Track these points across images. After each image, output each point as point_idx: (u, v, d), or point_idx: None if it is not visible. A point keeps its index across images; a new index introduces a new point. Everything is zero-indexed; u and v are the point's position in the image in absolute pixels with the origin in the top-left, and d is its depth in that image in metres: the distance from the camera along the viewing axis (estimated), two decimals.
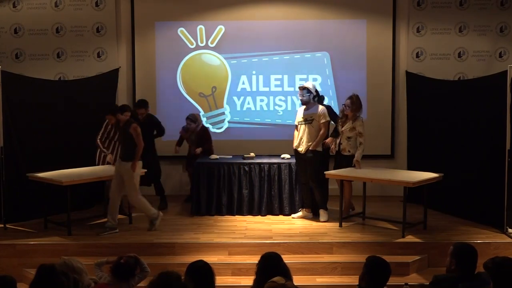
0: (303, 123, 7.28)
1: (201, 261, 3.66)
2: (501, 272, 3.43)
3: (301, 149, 7.27)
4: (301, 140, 7.29)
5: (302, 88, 7.27)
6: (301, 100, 7.29)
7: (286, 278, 3.82)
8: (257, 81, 9.02)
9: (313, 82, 7.72)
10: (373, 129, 8.91)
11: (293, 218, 7.44)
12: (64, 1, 8.80)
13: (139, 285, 4.15)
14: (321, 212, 7.34)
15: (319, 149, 7.26)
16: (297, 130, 7.40)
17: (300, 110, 7.43)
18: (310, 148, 7.19)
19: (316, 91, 7.34)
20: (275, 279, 3.74)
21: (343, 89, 8.92)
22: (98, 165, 7.50)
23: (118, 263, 3.97)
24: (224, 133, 9.06)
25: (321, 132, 7.22)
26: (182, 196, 8.68)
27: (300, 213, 7.48)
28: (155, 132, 7.92)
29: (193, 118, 8.20)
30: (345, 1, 8.89)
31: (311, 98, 7.26)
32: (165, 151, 8.45)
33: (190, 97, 9.02)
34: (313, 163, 7.23)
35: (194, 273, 3.57)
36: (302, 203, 7.52)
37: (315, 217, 7.39)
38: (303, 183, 7.41)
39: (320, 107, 7.30)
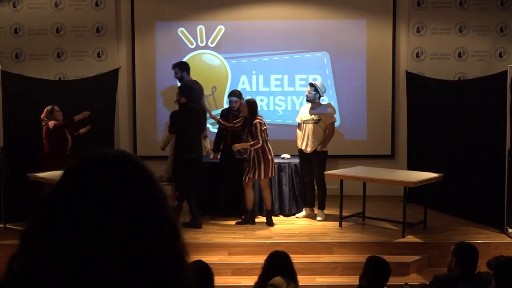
0: (310, 122, 7.27)
1: (200, 261, 3.66)
2: (504, 272, 3.43)
3: (308, 149, 7.25)
4: (307, 139, 7.28)
5: (311, 85, 7.29)
6: (306, 96, 7.31)
7: (289, 279, 3.81)
8: (257, 81, 9.01)
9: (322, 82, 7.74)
10: (373, 129, 8.92)
11: (297, 218, 7.44)
12: (64, 1, 8.80)
13: None
14: (320, 212, 7.35)
15: (326, 149, 7.29)
16: (300, 129, 7.41)
17: (305, 108, 7.42)
18: (318, 149, 7.20)
19: (322, 92, 7.35)
20: (275, 281, 3.73)
21: (343, 89, 8.93)
22: None
23: None
24: None
25: (328, 132, 7.27)
26: None
27: (303, 213, 7.48)
28: None
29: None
30: (345, 1, 8.88)
31: (316, 97, 7.28)
32: (165, 151, 8.43)
33: None
34: (321, 163, 7.26)
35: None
36: (305, 202, 7.53)
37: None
38: (307, 182, 7.41)
39: (329, 108, 7.34)
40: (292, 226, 7.09)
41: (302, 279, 5.60)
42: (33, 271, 0.85)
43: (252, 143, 6.88)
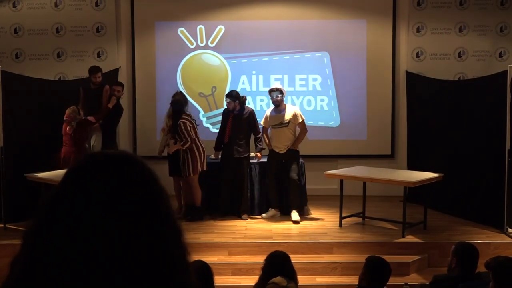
0: (279, 126, 7.31)
1: (200, 261, 3.66)
2: (503, 272, 3.43)
3: (281, 150, 7.30)
4: (278, 141, 7.33)
5: (276, 89, 7.34)
6: (276, 101, 7.34)
7: (289, 279, 3.81)
8: (257, 81, 9.01)
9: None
10: (373, 129, 8.92)
11: (263, 218, 7.41)
12: (64, 1, 8.80)
13: None
14: (296, 212, 7.31)
15: (298, 148, 7.37)
16: (265, 133, 7.48)
17: (270, 112, 7.47)
18: (291, 148, 7.29)
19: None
20: (276, 280, 3.73)
21: (343, 89, 8.93)
22: None
23: None
24: None
25: (302, 131, 7.35)
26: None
27: (270, 213, 7.48)
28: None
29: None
30: (345, 1, 8.88)
31: (282, 99, 7.37)
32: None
33: (190, 97, 8.99)
34: (296, 163, 7.30)
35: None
36: (270, 203, 7.52)
37: (285, 216, 7.37)
38: (271, 183, 7.42)
39: (293, 108, 7.45)
40: (292, 226, 7.09)
41: (302, 279, 5.60)
42: (36, 271, 0.86)
43: (182, 143, 7.10)
